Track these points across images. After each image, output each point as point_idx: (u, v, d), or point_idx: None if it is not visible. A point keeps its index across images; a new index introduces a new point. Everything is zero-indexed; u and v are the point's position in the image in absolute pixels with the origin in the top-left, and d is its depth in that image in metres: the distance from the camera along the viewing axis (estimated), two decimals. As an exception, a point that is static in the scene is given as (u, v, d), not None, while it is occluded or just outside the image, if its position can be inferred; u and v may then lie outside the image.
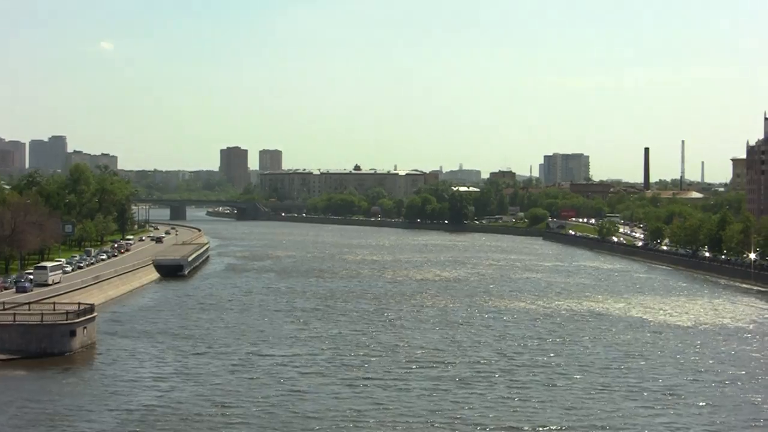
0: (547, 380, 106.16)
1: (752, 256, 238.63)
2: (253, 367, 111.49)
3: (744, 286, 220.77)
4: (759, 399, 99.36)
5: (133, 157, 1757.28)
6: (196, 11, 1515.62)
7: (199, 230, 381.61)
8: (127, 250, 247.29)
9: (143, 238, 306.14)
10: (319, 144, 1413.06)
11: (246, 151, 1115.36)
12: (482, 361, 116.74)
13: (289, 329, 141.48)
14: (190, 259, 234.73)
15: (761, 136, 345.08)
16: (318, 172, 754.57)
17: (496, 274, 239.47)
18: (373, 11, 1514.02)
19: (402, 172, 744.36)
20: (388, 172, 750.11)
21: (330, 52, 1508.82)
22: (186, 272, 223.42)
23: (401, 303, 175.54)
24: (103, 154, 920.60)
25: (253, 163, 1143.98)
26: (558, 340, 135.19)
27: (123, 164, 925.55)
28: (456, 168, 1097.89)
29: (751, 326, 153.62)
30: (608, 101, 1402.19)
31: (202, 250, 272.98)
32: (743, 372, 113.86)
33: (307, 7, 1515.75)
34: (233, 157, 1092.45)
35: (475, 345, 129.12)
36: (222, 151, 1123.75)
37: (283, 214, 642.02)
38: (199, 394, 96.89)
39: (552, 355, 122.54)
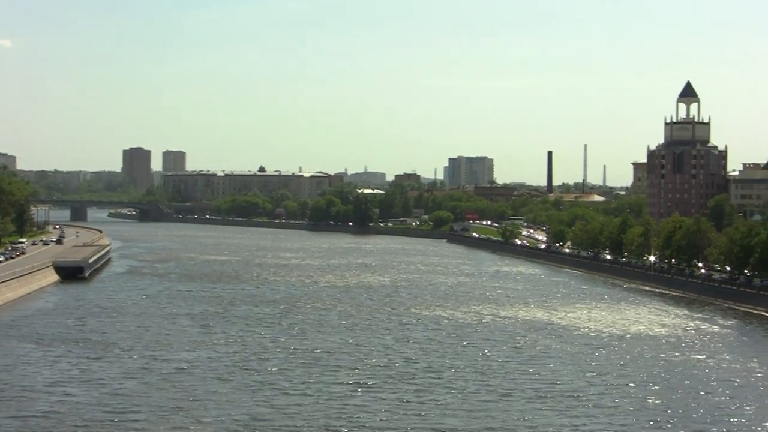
0: (450, 384, 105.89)
1: (652, 258, 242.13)
2: (151, 372, 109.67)
3: (645, 288, 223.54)
4: (659, 401, 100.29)
5: (33, 157, 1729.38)
6: (98, 9, 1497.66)
7: (101, 231, 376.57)
8: (23, 253, 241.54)
9: (36, 242, 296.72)
10: (223, 145, 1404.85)
11: (149, 152, 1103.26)
12: (385, 366, 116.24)
13: (190, 333, 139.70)
14: (90, 261, 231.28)
15: (661, 141, 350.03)
16: (222, 174, 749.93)
17: (401, 278, 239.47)
18: (277, 11, 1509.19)
19: (307, 174, 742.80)
20: (293, 173, 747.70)
21: (235, 51, 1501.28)
22: (86, 274, 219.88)
23: (305, 307, 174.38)
24: (1, 154, 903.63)
25: (157, 164, 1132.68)
26: (462, 344, 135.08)
27: (22, 164, 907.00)
28: (361, 170, 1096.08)
29: (652, 328, 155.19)
30: (513, 105, 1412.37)
31: (103, 252, 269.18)
32: (644, 374, 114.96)
33: (213, 7, 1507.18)
34: (136, 157, 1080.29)
35: (379, 349, 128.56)
36: (124, 151, 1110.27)
37: (194, 216, 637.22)
38: (96, 399, 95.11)
39: (455, 359, 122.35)
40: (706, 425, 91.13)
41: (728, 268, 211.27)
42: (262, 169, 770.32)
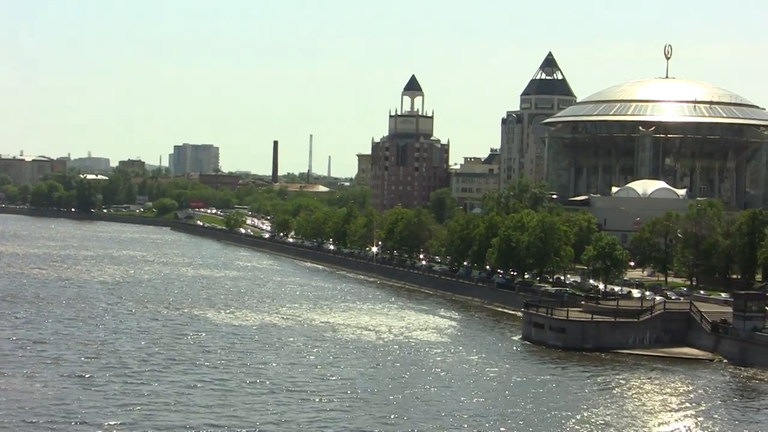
0: (166, 377, 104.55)
1: (374, 249, 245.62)
2: None
3: (368, 279, 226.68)
4: (373, 393, 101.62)
5: None
6: None
7: None
8: None
9: None
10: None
11: None
12: (103, 358, 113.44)
13: None
14: None
15: (386, 133, 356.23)
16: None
17: (121, 268, 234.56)
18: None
19: (28, 158, 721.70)
20: (14, 157, 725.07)
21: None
22: None
23: (21, 299, 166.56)
24: None
25: None
26: (177, 337, 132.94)
27: None
28: (85, 155, 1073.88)
29: (374, 319, 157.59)
30: (240, 92, 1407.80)
31: None
32: (360, 366, 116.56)
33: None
34: None
35: (95, 342, 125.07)
36: None
37: None
38: None
39: (171, 352, 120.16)
40: (419, 417, 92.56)
41: (448, 260, 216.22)
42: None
